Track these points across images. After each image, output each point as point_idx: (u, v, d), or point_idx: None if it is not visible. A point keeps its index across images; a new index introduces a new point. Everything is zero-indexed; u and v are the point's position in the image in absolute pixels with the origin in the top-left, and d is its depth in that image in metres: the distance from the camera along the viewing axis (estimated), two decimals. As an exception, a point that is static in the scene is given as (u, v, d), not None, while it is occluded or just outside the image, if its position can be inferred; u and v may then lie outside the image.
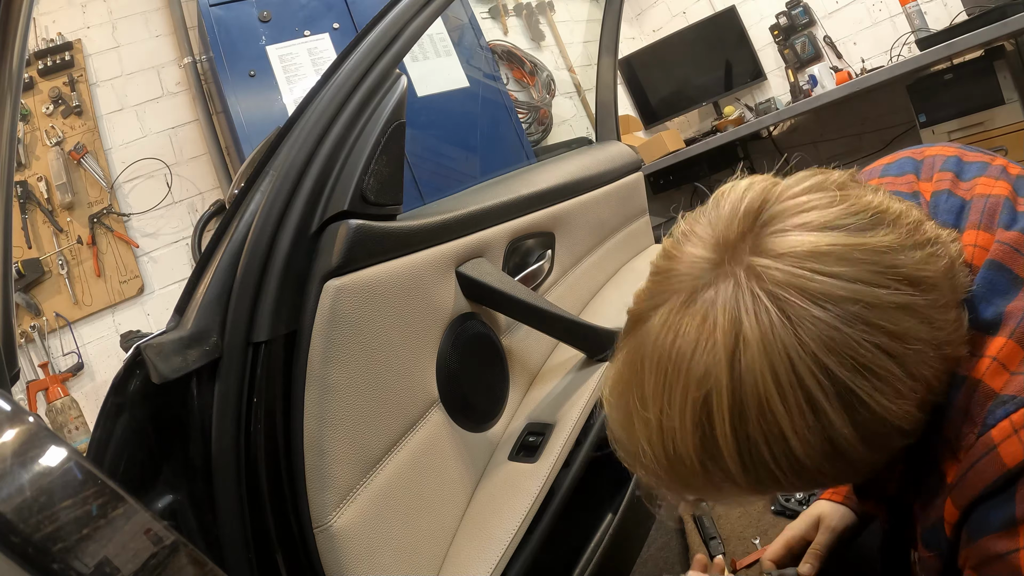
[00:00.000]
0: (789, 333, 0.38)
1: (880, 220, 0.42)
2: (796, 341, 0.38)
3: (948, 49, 2.02)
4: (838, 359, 0.38)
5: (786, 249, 0.40)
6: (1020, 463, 0.39)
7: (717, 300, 0.40)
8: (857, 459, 0.41)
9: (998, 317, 0.44)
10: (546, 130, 2.98)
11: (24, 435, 0.36)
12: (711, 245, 0.43)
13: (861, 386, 0.39)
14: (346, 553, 0.67)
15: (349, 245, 0.70)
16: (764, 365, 0.38)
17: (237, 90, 2.04)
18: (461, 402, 0.88)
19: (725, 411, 0.39)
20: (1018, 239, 0.47)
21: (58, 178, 2.11)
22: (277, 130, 0.75)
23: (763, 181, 0.46)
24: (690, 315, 0.41)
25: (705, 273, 0.42)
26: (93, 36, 2.30)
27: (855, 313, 0.38)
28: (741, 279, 0.40)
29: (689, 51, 3.15)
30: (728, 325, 0.39)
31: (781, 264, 0.39)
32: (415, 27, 0.84)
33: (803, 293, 0.39)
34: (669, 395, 0.41)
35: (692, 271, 0.43)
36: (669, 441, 0.43)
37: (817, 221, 0.41)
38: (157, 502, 0.60)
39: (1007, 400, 0.41)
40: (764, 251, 0.41)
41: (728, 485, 0.43)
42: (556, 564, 0.88)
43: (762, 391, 0.39)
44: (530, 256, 1.12)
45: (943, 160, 0.59)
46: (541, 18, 3.20)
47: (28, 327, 2.02)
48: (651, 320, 0.43)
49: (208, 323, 0.64)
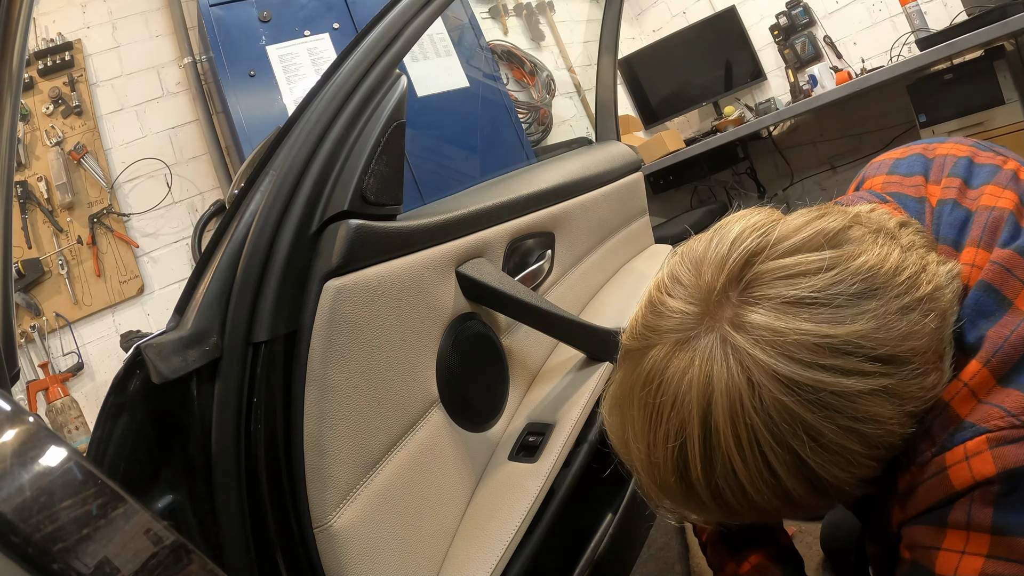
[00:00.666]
0: (757, 407, 0.41)
1: (869, 287, 0.43)
2: (760, 419, 0.41)
3: (948, 49, 2.02)
4: (798, 440, 0.41)
5: (762, 325, 0.42)
6: (967, 487, 0.41)
7: (694, 362, 0.43)
8: (816, 506, 0.46)
9: (978, 341, 0.45)
10: (546, 130, 2.98)
11: (24, 435, 0.36)
12: (696, 297, 0.45)
13: (817, 461, 0.42)
14: (346, 553, 0.67)
15: (349, 245, 0.70)
16: (729, 431, 0.42)
17: (237, 90, 2.04)
18: (461, 402, 0.88)
19: (697, 460, 0.43)
20: (1011, 258, 0.47)
21: (58, 178, 2.11)
22: (277, 130, 0.75)
23: (758, 225, 0.47)
24: (673, 367, 0.44)
25: (688, 327, 0.45)
26: (93, 36, 2.30)
27: (819, 400, 0.41)
28: (717, 346, 0.43)
29: (689, 51, 3.15)
30: (702, 387, 0.42)
31: (756, 340, 0.42)
32: (415, 27, 0.84)
33: (775, 376, 0.41)
34: (653, 436, 0.46)
35: (678, 324, 0.45)
36: (655, 471, 0.47)
37: (799, 295, 0.42)
38: (157, 502, 0.60)
39: (967, 427, 0.42)
40: (741, 324, 0.43)
41: (708, 512, 0.48)
42: (556, 564, 0.88)
43: (725, 451, 0.42)
44: (530, 256, 1.12)
45: (954, 162, 0.58)
46: (541, 18, 3.20)
47: (28, 327, 2.02)
48: (641, 362, 0.46)
49: (208, 323, 0.64)
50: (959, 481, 0.42)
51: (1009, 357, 0.43)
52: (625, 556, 1.02)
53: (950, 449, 0.42)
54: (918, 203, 0.57)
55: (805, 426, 0.41)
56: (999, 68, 2.14)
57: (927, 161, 0.60)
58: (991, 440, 0.41)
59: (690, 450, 0.44)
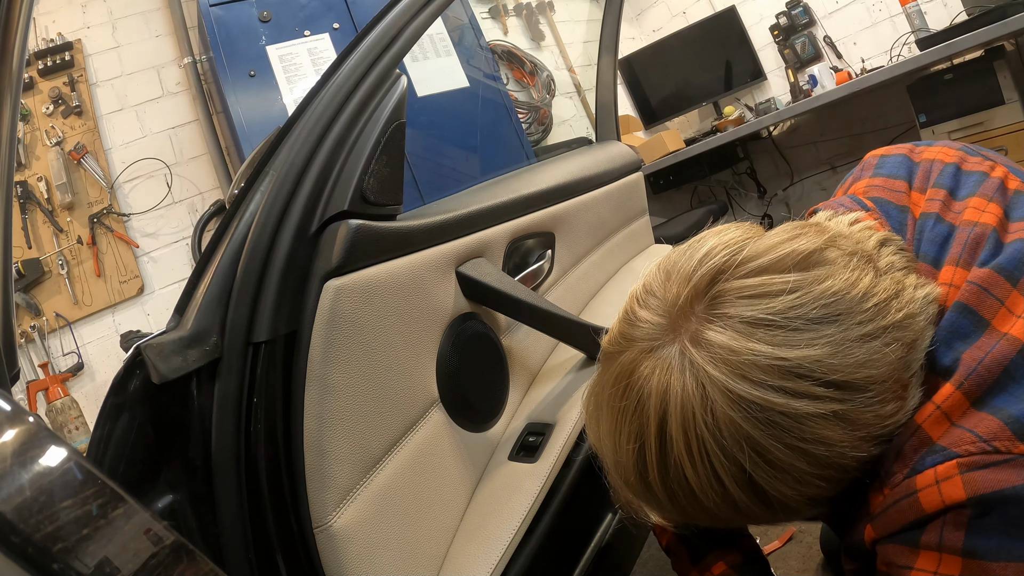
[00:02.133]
0: (707, 421, 0.43)
1: (831, 313, 0.43)
2: (709, 432, 0.43)
3: (948, 49, 2.02)
4: (743, 455, 0.42)
5: (718, 343, 0.43)
6: (937, 510, 0.41)
7: (655, 372, 0.45)
8: (764, 517, 0.47)
9: (954, 364, 0.45)
10: (546, 130, 2.98)
11: (24, 435, 0.36)
12: (663, 310, 0.47)
13: (763, 476, 0.43)
14: (346, 553, 0.67)
15: (349, 245, 0.70)
16: (681, 439, 0.44)
17: (237, 90, 2.04)
18: (461, 402, 0.88)
19: (654, 463, 0.46)
20: (988, 277, 0.47)
21: (58, 178, 2.11)
22: (277, 130, 0.75)
23: (731, 243, 0.48)
24: (637, 374, 0.46)
25: (654, 337, 0.47)
26: (93, 36, 2.30)
27: (767, 419, 0.42)
28: (676, 358, 0.45)
29: (689, 51, 3.15)
30: (660, 395, 0.44)
31: (712, 357, 0.43)
32: (415, 27, 0.84)
33: (726, 392, 0.42)
34: (618, 436, 0.48)
35: (645, 333, 0.47)
36: (620, 469, 0.50)
37: (757, 316, 0.43)
38: (157, 502, 0.60)
39: (938, 451, 0.43)
40: (700, 340, 0.44)
41: (666, 512, 0.50)
42: (556, 564, 0.88)
43: (677, 457, 0.44)
44: (530, 256, 1.12)
45: (940, 168, 0.57)
46: (541, 18, 3.20)
47: (28, 327, 2.02)
48: (611, 366, 0.49)
49: (208, 323, 0.64)
50: (929, 504, 0.42)
51: (983, 380, 0.43)
52: (625, 556, 1.02)
53: (920, 472, 0.43)
54: (900, 212, 0.56)
55: (751, 442, 0.42)
56: (999, 68, 2.14)
57: (912, 165, 0.60)
58: (961, 465, 0.41)
59: (647, 453, 0.46)
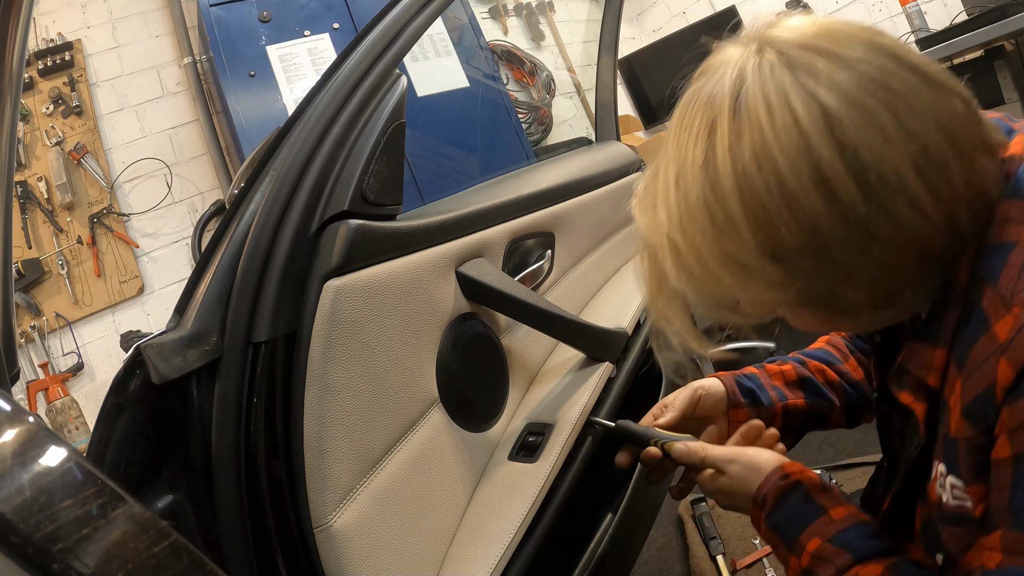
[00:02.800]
0: (784, 74, 0.42)
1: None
2: (788, 78, 0.42)
3: (948, 49, 2.02)
4: (813, 91, 0.41)
5: (803, 24, 0.45)
6: None
7: (726, 67, 0.46)
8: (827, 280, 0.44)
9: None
10: (546, 130, 2.98)
11: (24, 435, 0.36)
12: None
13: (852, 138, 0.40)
14: (346, 553, 0.67)
15: (349, 245, 0.70)
16: (758, 92, 0.43)
17: (237, 90, 2.04)
18: (461, 402, 0.88)
19: (726, 131, 0.44)
20: None
21: (58, 178, 2.11)
22: (277, 130, 0.75)
23: None
24: (710, 62, 0.49)
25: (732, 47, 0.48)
26: (93, 36, 2.30)
27: (873, 80, 0.41)
28: (750, 54, 0.45)
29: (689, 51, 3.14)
30: (737, 68, 0.45)
31: (801, 30, 0.45)
32: (415, 27, 0.84)
33: (815, 58, 0.42)
34: (688, 124, 0.47)
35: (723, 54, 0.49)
36: (681, 181, 0.46)
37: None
38: (157, 502, 0.60)
39: None
40: (770, 40, 0.45)
41: (740, 253, 0.44)
42: (556, 564, 0.88)
43: (754, 114, 0.42)
44: (530, 256, 1.12)
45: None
46: (541, 18, 3.19)
47: (28, 327, 2.02)
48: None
49: (208, 323, 0.64)
50: None
51: None
52: (625, 556, 1.02)
53: None
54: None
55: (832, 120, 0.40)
56: (999, 68, 2.14)
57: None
58: None
59: (719, 124, 0.44)
